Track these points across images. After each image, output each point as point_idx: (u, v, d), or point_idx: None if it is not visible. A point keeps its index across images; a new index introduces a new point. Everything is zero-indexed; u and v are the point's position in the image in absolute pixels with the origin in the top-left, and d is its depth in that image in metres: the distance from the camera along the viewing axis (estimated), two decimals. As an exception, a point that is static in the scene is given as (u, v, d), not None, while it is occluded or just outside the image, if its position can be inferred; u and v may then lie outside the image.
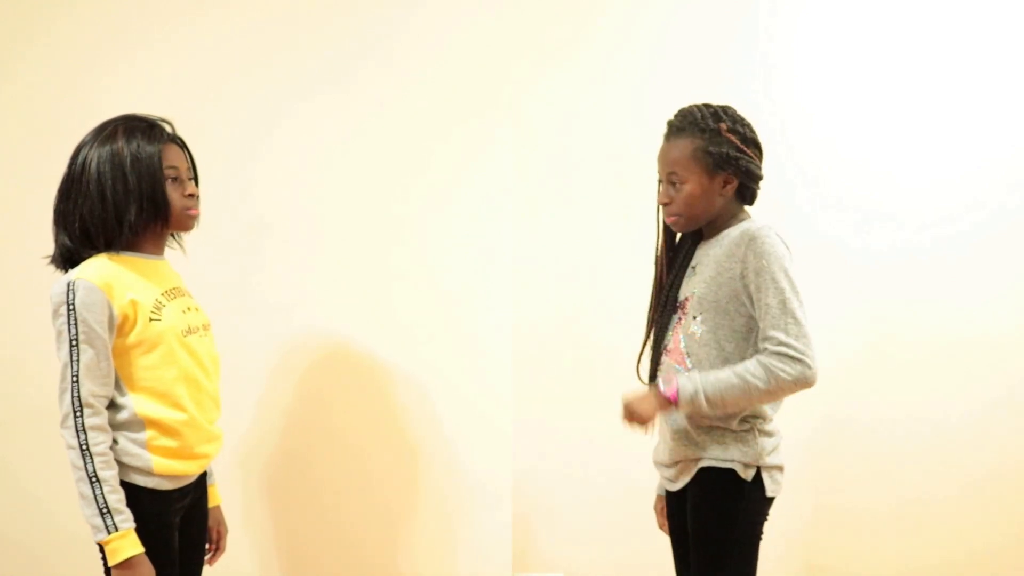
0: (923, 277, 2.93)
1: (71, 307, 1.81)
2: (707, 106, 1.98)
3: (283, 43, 2.76)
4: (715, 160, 1.92)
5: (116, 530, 1.80)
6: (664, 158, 1.98)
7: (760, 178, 1.99)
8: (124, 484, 1.85)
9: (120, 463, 1.85)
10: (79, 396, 1.81)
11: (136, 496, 1.85)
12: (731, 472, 1.92)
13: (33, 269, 2.64)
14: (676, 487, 2.03)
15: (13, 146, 2.70)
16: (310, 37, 2.76)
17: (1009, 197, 2.93)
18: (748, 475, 1.91)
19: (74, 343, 1.81)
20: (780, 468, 1.97)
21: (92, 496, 1.79)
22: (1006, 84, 2.94)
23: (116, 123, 1.93)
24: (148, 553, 1.85)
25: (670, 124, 2.00)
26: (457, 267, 2.81)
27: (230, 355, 2.40)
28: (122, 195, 1.87)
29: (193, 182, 2.01)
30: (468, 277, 2.81)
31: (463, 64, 2.79)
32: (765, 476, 1.93)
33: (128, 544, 1.81)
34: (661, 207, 2.03)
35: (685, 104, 2.03)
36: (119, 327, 1.86)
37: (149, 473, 1.87)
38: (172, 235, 2.06)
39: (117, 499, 1.81)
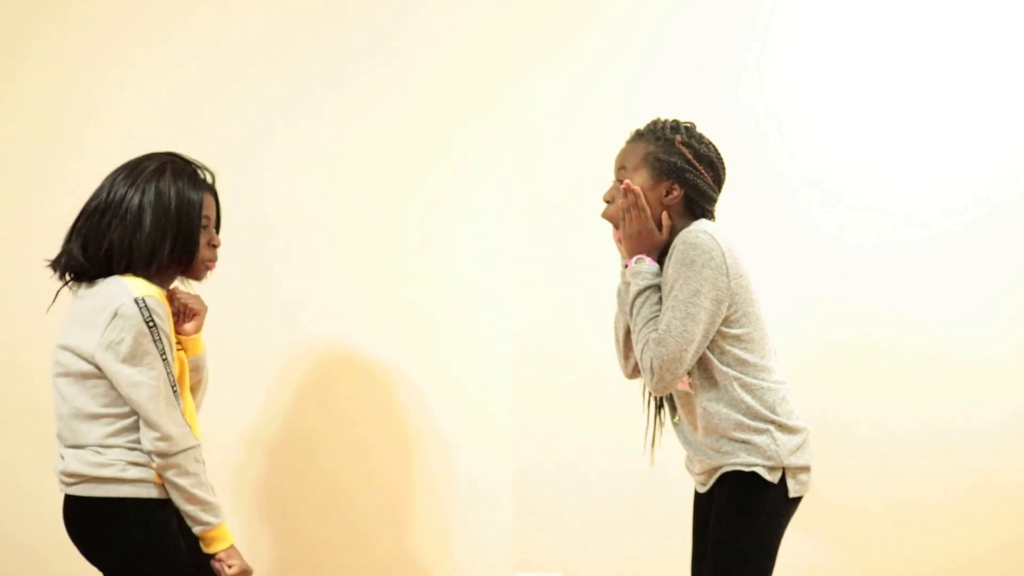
0: (923, 278, 2.92)
1: (151, 323, 1.82)
2: (672, 120, 2.06)
3: (286, 45, 2.76)
4: (663, 167, 1.99)
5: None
6: (618, 157, 2.08)
7: (711, 198, 2.04)
8: (128, 500, 1.85)
9: (123, 480, 1.85)
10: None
11: (142, 508, 1.86)
12: (754, 474, 1.94)
13: (33, 269, 2.64)
14: (704, 490, 2.08)
15: (13, 146, 2.70)
16: (313, 39, 2.76)
17: (1008, 197, 2.93)
18: (774, 477, 1.94)
19: (164, 357, 1.84)
20: (806, 468, 1.99)
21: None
22: (1006, 84, 2.94)
23: (163, 160, 1.95)
24: (166, 561, 1.88)
25: (634, 130, 2.09)
26: (458, 267, 2.82)
27: (231, 355, 2.41)
28: (160, 232, 1.89)
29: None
30: (469, 277, 2.82)
31: (465, 65, 2.79)
32: (789, 477, 1.95)
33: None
34: (605, 210, 2.08)
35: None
36: None
37: (152, 483, 1.88)
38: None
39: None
